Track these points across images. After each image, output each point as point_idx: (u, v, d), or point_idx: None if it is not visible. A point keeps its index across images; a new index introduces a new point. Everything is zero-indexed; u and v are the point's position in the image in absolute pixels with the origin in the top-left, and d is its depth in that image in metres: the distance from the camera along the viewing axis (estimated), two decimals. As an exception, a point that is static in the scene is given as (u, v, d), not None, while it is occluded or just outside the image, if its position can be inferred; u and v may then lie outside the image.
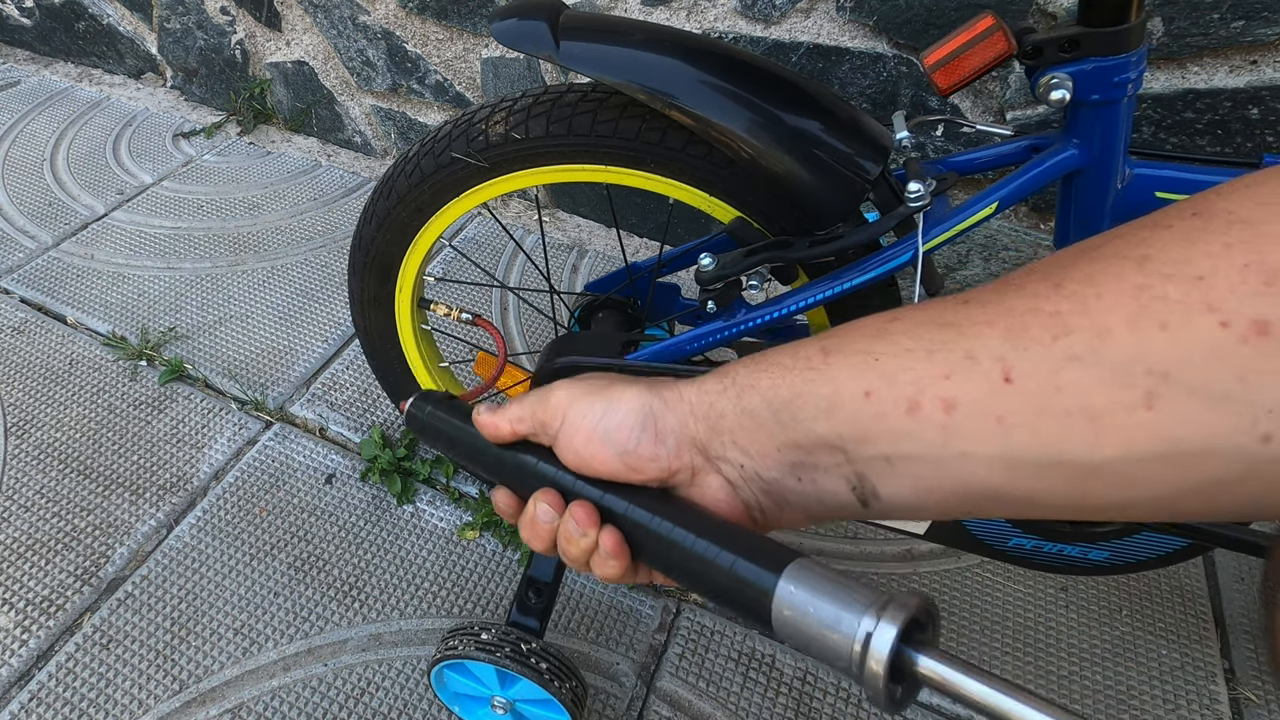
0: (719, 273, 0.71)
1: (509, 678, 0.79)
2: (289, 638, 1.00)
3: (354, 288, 0.93)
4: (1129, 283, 0.26)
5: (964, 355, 0.29)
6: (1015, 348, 0.27)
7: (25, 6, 2.15)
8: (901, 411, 0.30)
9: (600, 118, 0.71)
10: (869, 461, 0.31)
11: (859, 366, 0.31)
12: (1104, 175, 0.64)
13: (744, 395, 0.34)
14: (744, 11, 1.24)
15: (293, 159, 1.86)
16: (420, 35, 1.57)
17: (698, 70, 0.66)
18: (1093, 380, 0.26)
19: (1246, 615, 1.00)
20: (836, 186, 0.66)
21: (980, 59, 0.60)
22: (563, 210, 1.69)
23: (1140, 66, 0.59)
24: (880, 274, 0.68)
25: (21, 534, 1.11)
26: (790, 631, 0.30)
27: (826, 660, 0.29)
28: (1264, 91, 0.99)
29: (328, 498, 1.15)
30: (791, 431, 0.33)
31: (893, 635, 0.26)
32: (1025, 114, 1.13)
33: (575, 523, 0.37)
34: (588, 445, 0.37)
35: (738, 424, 0.34)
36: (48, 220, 1.66)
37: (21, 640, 1.00)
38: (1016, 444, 0.27)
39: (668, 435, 0.36)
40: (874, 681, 0.27)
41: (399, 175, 0.82)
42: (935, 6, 1.10)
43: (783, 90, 0.67)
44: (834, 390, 0.32)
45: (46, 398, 1.30)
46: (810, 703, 0.93)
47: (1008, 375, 0.27)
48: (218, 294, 1.49)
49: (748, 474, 0.35)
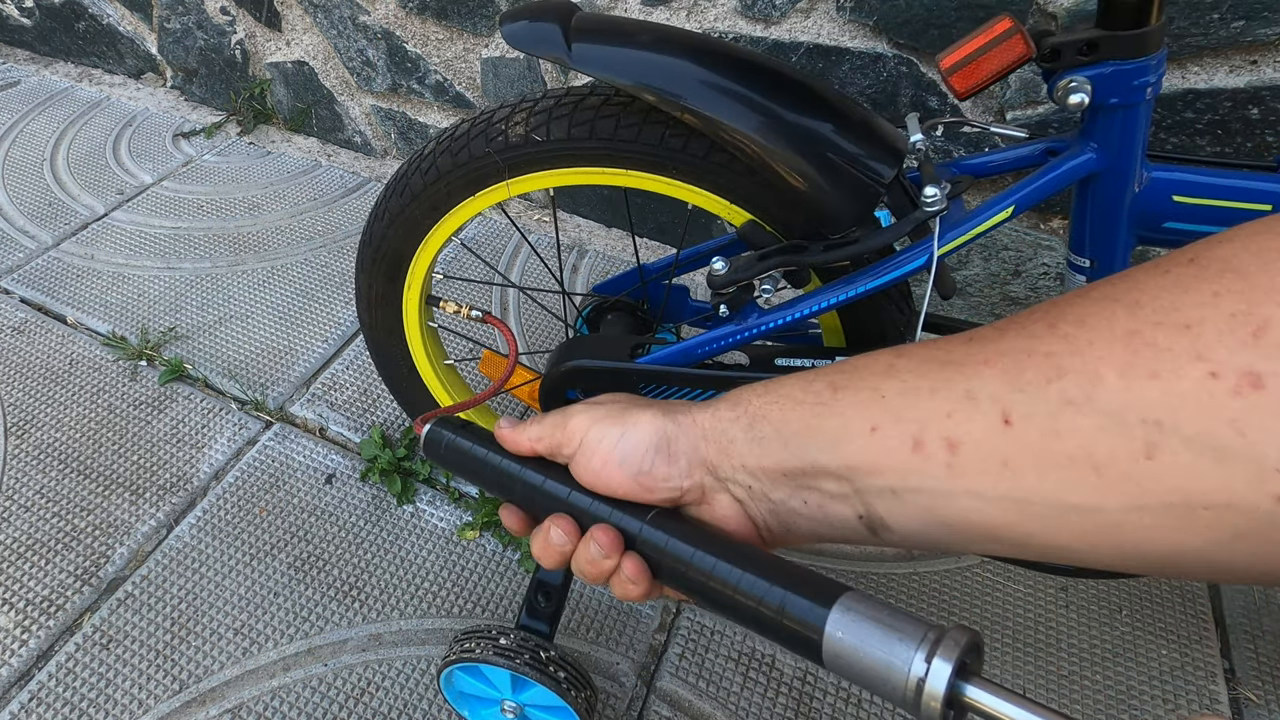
0: (732, 276, 0.71)
1: (523, 683, 0.78)
2: (289, 638, 1.00)
3: (361, 284, 0.92)
4: (1120, 328, 0.26)
5: (964, 395, 0.29)
6: (1012, 389, 0.28)
7: (25, 6, 2.15)
8: (907, 449, 0.31)
9: (623, 122, 0.71)
10: (876, 493, 0.32)
11: (866, 403, 0.32)
12: (1121, 179, 0.63)
13: (755, 424, 0.36)
14: (744, 11, 1.24)
15: (293, 159, 1.86)
16: (420, 35, 1.57)
17: (710, 72, 0.65)
18: (1091, 427, 0.26)
19: (1246, 615, 1.00)
20: (851, 190, 0.65)
21: (999, 62, 0.59)
22: (562, 210, 1.69)
23: (1160, 70, 0.59)
24: (894, 278, 0.68)
25: (21, 534, 1.11)
26: (842, 665, 0.30)
27: (880, 693, 0.29)
28: (1264, 91, 0.99)
29: (328, 498, 1.15)
30: (799, 460, 0.34)
31: (948, 672, 0.27)
32: (1025, 114, 1.13)
33: (598, 546, 0.37)
34: (605, 466, 0.38)
35: (748, 450, 0.36)
36: (48, 220, 1.66)
37: (21, 640, 1.00)
38: (1024, 487, 0.28)
39: (680, 457, 0.37)
40: (931, 716, 0.28)
41: (414, 172, 0.81)
42: (935, 6, 1.10)
43: (796, 92, 0.66)
44: (842, 425, 0.33)
45: (46, 398, 1.30)
46: (810, 703, 0.93)
47: (1007, 417, 0.28)
48: (218, 294, 1.49)
49: (756, 494, 0.36)
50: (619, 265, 1.56)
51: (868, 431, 0.32)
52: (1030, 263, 1.26)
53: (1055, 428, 0.27)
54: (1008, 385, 0.28)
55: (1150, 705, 0.92)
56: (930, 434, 0.30)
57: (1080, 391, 0.26)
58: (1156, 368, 0.25)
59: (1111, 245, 0.66)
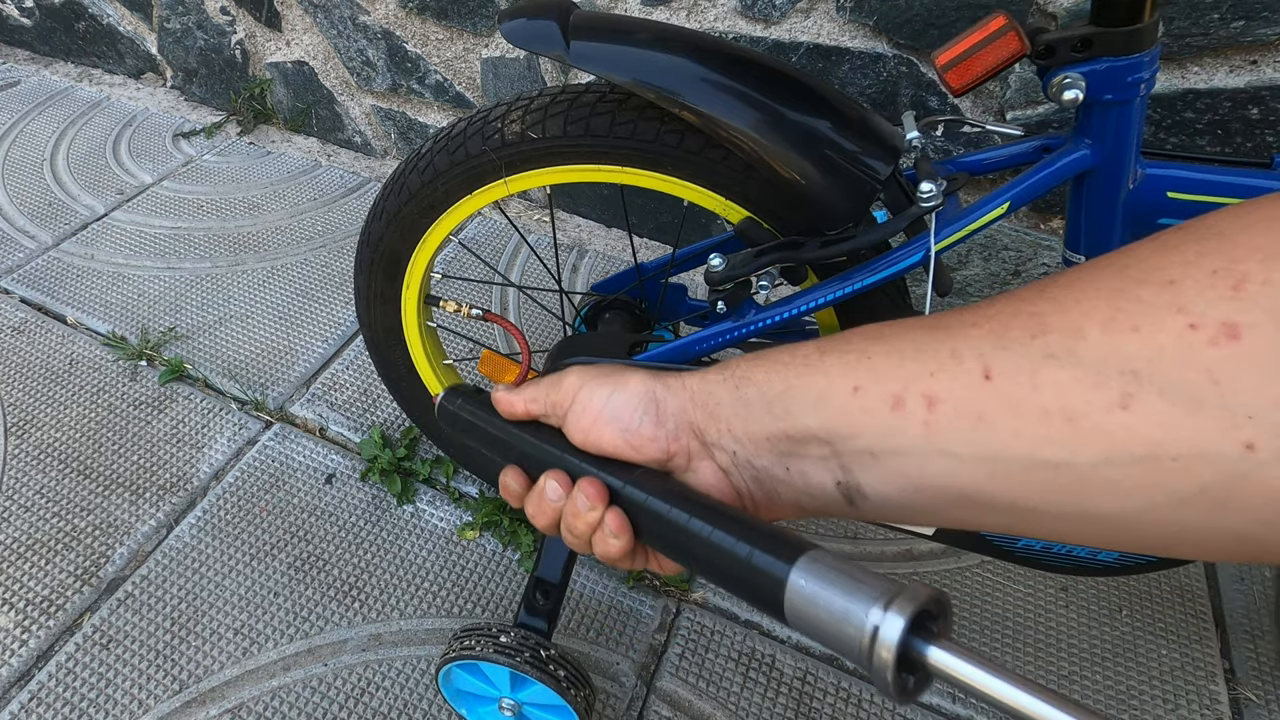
0: (729, 273, 0.71)
1: (522, 681, 0.79)
2: (289, 638, 1.00)
3: (360, 284, 0.93)
4: (1105, 286, 0.27)
5: (949, 354, 0.29)
6: (996, 345, 0.28)
7: (25, 6, 2.15)
8: (887, 407, 0.30)
9: (619, 119, 0.71)
10: (854, 456, 0.32)
11: (851, 364, 0.32)
12: (1116, 175, 0.63)
13: (741, 386, 0.36)
14: (744, 11, 1.24)
15: (293, 159, 1.86)
16: (420, 35, 1.57)
17: (708, 70, 0.66)
18: (1069, 379, 0.26)
19: (1246, 615, 1.00)
20: (847, 187, 0.66)
21: (993, 59, 0.60)
22: (563, 210, 1.69)
23: (1154, 66, 0.59)
24: (891, 274, 0.68)
25: (21, 534, 1.11)
26: (802, 620, 0.30)
27: (838, 650, 0.29)
28: (1264, 91, 0.99)
29: (328, 498, 1.15)
30: (782, 422, 0.34)
31: (901, 625, 0.27)
32: (1025, 114, 1.13)
33: (584, 498, 0.38)
34: (595, 424, 0.39)
35: (733, 413, 0.36)
36: (48, 220, 1.66)
37: (21, 640, 1.00)
38: (996, 443, 0.28)
39: (668, 418, 0.37)
40: (883, 671, 0.27)
41: (411, 171, 0.82)
42: (935, 6, 1.10)
43: (793, 90, 0.67)
44: (825, 384, 0.33)
45: (46, 398, 1.30)
46: (810, 703, 0.93)
47: (988, 373, 0.28)
48: (218, 294, 1.49)
49: (740, 461, 0.36)
50: (619, 265, 1.56)
51: (850, 391, 0.32)
52: (1030, 263, 1.26)
53: (1034, 382, 0.27)
54: (991, 343, 0.28)
55: (1150, 705, 0.92)
56: (911, 392, 0.30)
57: (1062, 346, 0.27)
58: (1138, 321, 0.25)
59: (1107, 242, 0.67)
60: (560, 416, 0.41)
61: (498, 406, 0.44)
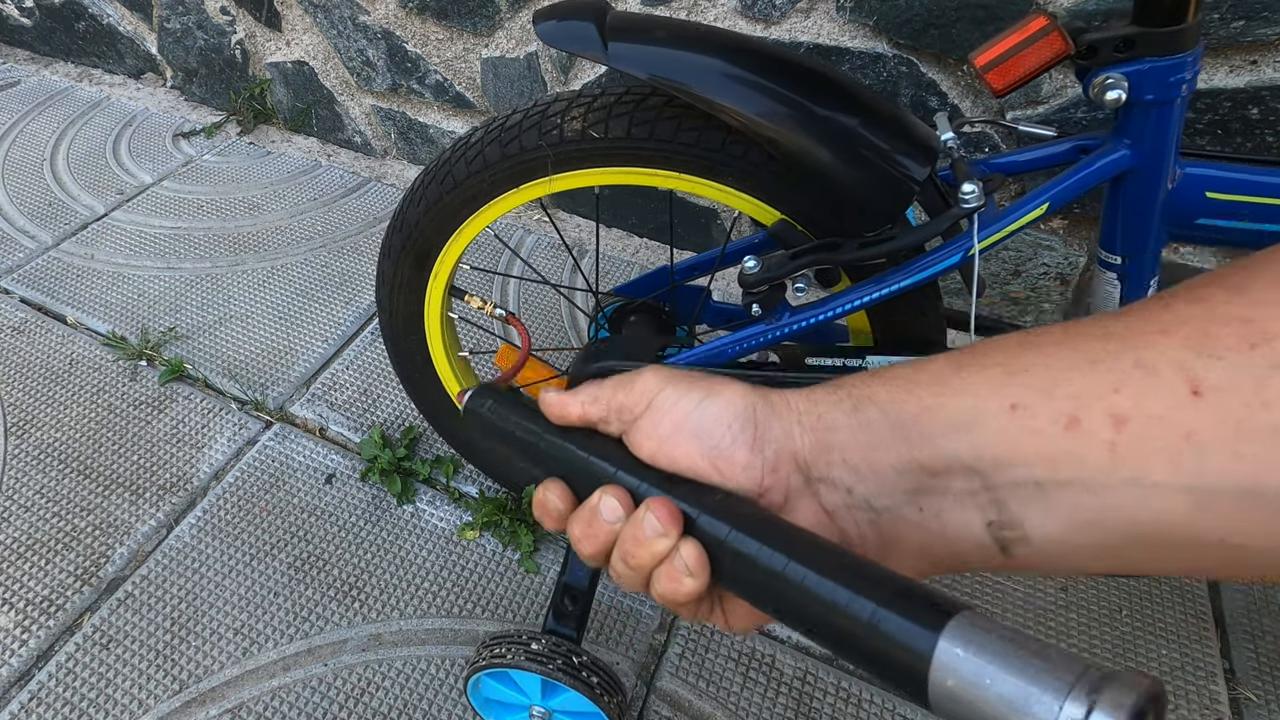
0: (764, 275, 0.71)
1: (553, 688, 0.78)
2: (289, 638, 1.00)
3: (385, 269, 0.91)
4: None
5: (1133, 365, 0.25)
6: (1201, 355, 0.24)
7: (25, 6, 2.15)
8: (1059, 428, 0.25)
9: (685, 125, 0.70)
10: (1014, 489, 0.26)
11: (1000, 380, 0.27)
12: (1155, 175, 0.63)
13: (861, 407, 0.30)
14: (744, 11, 1.24)
15: (293, 159, 1.86)
16: (420, 35, 1.57)
17: (748, 72, 0.65)
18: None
19: (1247, 615, 1.00)
20: (886, 188, 0.65)
21: (1036, 59, 0.59)
22: (563, 210, 1.69)
23: (1195, 67, 0.59)
24: (928, 276, 0.68)
25: (21, 534, 1.11)
26: (954, 706, 0.23)
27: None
28: (1264, 91, 0.99)
29: (328, 498, 1.15)
30: (917, 450, 0.28)
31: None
32: (1025, 114, 1.13)
33: (655, 521, 0.30)
34: (674, 434, 0.32)
35: (851, 439, 0.30)
36: (48, 220, 1.66)
37: (21, 640, 1.00)
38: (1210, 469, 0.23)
39: (767, 444, 0.31)
40: None
41: (458, 160, 0.80)
42: (935, 6, 1.10)
43: (834, 93, 0.66)
44: (972, 404, 0.27)
45: (46, 398, 1.30)
46: (810, 703, 0.93)
47: (1195, 388, 0.23)
48: (218, 294, 1.49)
49: (855, 500, 0.30)
50: (619, 264, 1.56)
51: (1006, 410, 0.26)
52: (1030, 263, 1.26)
53: (1262, 398, 0.22)
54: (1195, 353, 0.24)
55: (1150, 705, 0.92)
56: (1091, 410, 0.25)
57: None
58: None
59: (1143, 242, 0.66)
60: (627, 422, 0.34)
61: (546, 410, 0.37)
